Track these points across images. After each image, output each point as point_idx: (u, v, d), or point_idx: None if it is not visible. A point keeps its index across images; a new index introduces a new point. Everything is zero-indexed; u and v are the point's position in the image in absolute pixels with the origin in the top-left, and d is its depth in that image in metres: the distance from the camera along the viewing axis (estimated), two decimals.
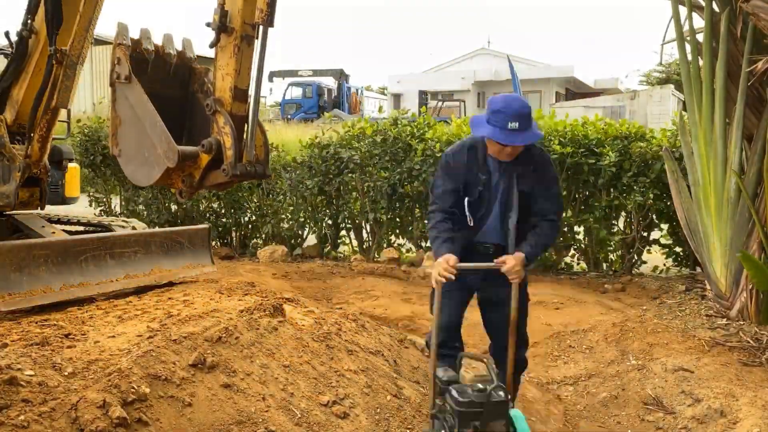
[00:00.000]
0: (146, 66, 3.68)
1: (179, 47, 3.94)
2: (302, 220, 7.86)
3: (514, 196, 3.02)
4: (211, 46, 3.44)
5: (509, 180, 3.02)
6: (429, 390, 3.02)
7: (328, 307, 4.80)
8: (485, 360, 2.69)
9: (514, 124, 2.83)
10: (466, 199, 3.04)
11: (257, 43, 3.36)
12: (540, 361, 4.48)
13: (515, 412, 2.61)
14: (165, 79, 3.79)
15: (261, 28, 3.29)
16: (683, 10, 5.25)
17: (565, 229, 6.78)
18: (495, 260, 2.96)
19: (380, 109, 12.19)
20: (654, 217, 6.49)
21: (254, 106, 3.40)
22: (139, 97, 3.46)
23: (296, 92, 31.57)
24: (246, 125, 3.45)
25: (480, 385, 2.52)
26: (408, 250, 7.66)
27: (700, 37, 5.19)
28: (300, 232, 7.98)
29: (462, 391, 2.53)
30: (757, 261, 4.51)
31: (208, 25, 3.41)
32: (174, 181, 3.54)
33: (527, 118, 2.88)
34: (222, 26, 3.35)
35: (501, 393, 2.50)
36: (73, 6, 4.24)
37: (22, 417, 2.34)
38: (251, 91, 3.46)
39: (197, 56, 4.08)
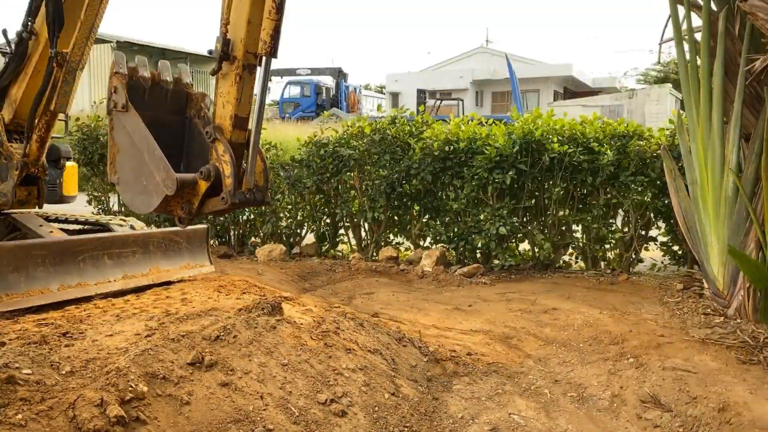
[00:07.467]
0: (143, 93, 3.68)
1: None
2: (300, 218, 7.86)
3: None
4: (213, 73, 3.45)
5: None
6: None
7: (327, 306, 4.80)
8: None
9: None
10: None
11: (259, 71, 3.36)
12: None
13: None
14: (162, 106, 3.80)
15: (264, 58, 3.29)
16: (681, 10, 5.26)
17: (563, 227, 6.80)
18: None
19: (379, 108, 12.22)
20: (652, 215, 6.50)
21: (255, 134, 3.40)
22: (136, 125, 3.47)
23: (294, 91, 31.58)
24: (246, 153, 3.46)
25: None
26: (407, 249, 7.67)
27: (698, 36, 5.19)
28: (298, 231, 7.99)
29: None
30: (747, 256, 4.54)
31: (210, 53, 3.41)
32: (173, 208, 3.54)
33: None
34: (224, 54, 3.36)
35: None
36: (74, 13, 4.23)
37: (19, 416, 2.34)
38: (252, 119, 3.46)
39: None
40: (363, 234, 7.69)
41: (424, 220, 7.35)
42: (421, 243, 7.47)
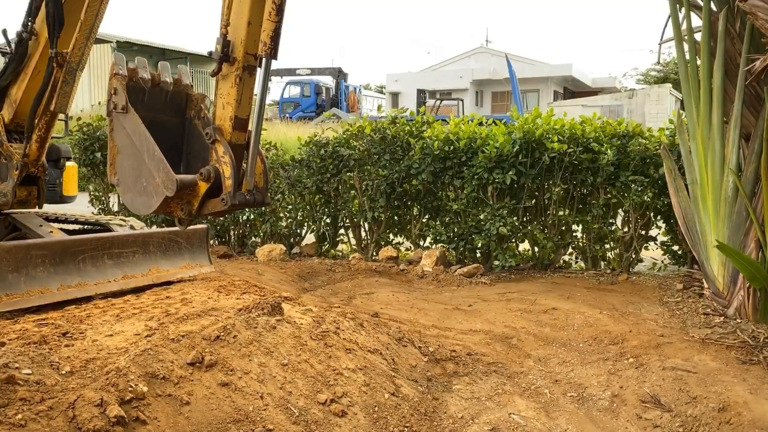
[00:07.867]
0: (143, 95, 3.69)
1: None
2: (300, 218, 7.86)
3: None
4: (213, 75, 3.45)
5: None
6: None
7: (327, 306, 4.80)
8: None
9: None
10: None
11: (259, 72, 3.36)
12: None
13: None
14: (162, 107, 3.80)
15: (264, 59, 3.30)
16: (681, 10, 5.27)
17: (563, 227, 6.79)
18: None
19: (379, 108, 12.23)
20: (652, 215, 6.51)
21: (255, 135, 3.40)
22: (136, 127, 3.47)
23: (294, 91, 31.64)
24: (246, 154, 3.46)
25: None
26: (407, 249, 7.67)
27: (697, 37, 5.20)
28: (298, 231, 7.99)
29: None
30: (739, 252, 4.55)
31: (210, 54, 3.41)
32: (173, 209, 3.55)
33: None
34: (224, 56, 3.36)
35: None
36: (74, 13, 4.23)
37: (19, 416, 2.34)
38: (252, 121, 3.47)
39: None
40: (363, 234, 7.70)
41: (424, 220, 7.35)
42: (421, 243, 7.47)
